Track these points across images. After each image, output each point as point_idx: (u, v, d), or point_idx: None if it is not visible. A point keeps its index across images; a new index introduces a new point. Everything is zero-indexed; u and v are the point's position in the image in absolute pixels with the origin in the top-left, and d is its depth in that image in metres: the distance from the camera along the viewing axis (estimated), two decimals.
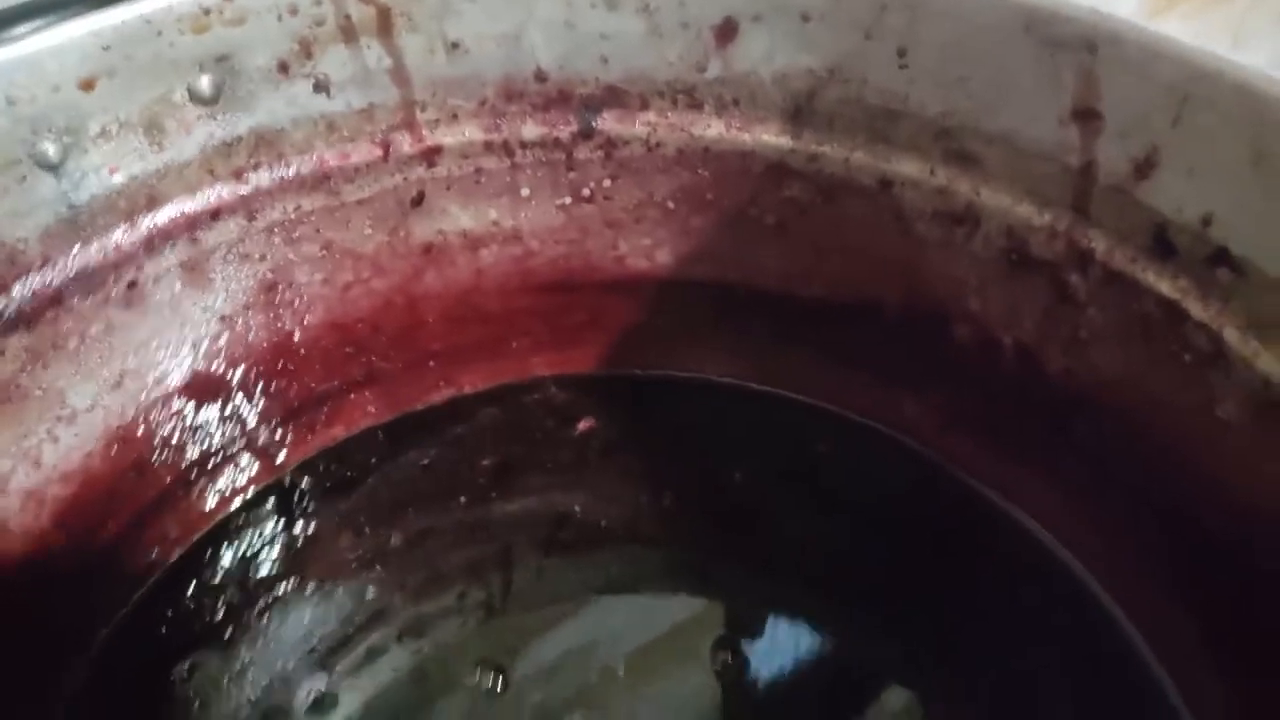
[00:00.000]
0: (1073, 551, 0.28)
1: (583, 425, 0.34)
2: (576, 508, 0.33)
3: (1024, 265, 0.26)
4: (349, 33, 0.27)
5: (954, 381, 0.30)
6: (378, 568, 0.32)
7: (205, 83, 0.26)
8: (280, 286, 0.30)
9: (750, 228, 0.31)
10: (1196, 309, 0.23)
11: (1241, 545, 0.24)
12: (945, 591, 0.29)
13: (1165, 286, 0.24)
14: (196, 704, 0.29)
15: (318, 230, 0.30)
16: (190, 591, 0.31)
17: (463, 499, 0.33)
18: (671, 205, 0.31)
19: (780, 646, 0.30)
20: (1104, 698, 0.27)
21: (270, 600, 0.31)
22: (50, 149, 0.25)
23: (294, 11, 0.26)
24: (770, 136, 0.29)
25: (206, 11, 0.25)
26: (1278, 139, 0.21)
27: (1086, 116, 0.24)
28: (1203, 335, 0.23)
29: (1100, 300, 0.25)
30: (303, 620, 0.31)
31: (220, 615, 0.31)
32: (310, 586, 0.32)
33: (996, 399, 0.29)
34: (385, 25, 0.27)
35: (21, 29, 0.27)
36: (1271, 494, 0.23)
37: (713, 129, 0.29)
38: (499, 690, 0.29)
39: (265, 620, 0.31)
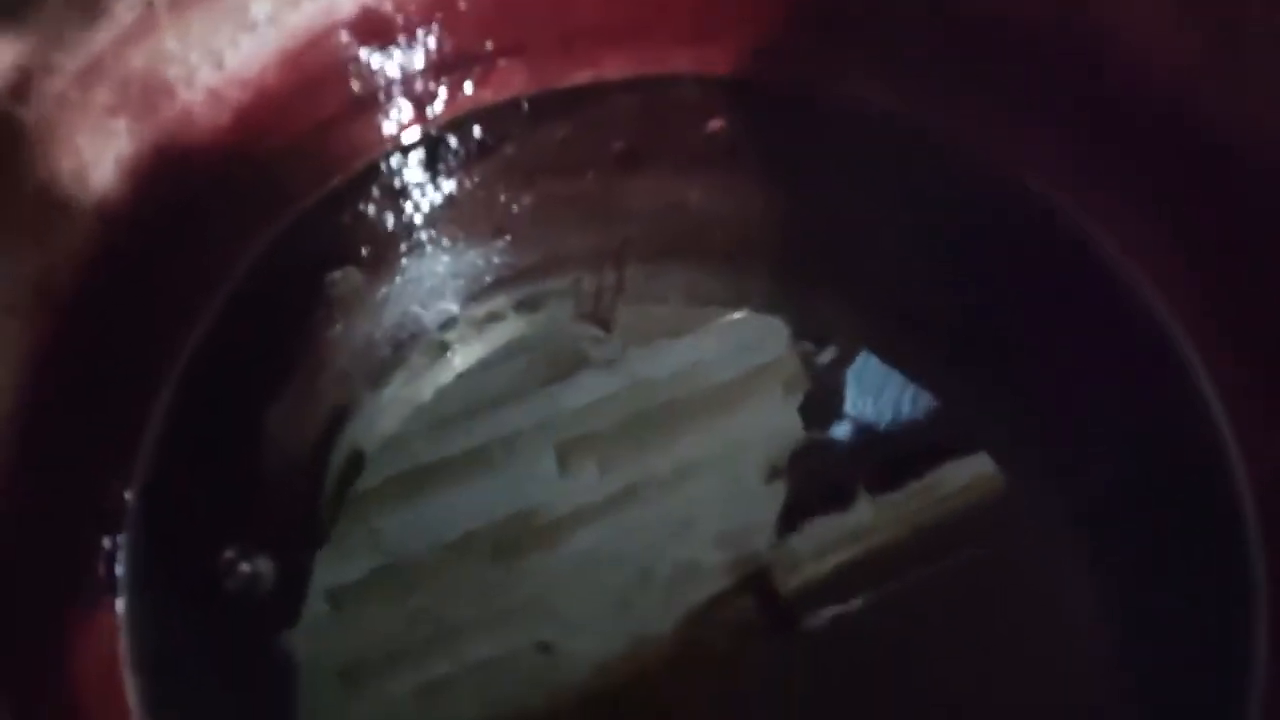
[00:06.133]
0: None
1: (713, 125, 0.35)
2: (691, 203, 0.34)
3: None
4: None
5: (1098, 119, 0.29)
6: (507, 236, 0.35)
7: None
8: None
9: None
10: None
11: None
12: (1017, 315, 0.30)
13: None
14: (336, 322, 0.33)
15: None
16: (340, 219, 0.34)
17: (590, 176, 0.35)
18: None
19: (859, 373, 0.31)
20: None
21: (410, 244, 0.34)
22: None
23: None
24: None
25: None
26: None
27: None
28: None
29: None
30: (436, 269, 0.34)
31: (365, 250, 0.34)
32: (445, 240, 0.35)
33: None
34: None
35: None
36: None
37: None
38: (594, 364, 0.32)
39: (403, 261, 0.34)
